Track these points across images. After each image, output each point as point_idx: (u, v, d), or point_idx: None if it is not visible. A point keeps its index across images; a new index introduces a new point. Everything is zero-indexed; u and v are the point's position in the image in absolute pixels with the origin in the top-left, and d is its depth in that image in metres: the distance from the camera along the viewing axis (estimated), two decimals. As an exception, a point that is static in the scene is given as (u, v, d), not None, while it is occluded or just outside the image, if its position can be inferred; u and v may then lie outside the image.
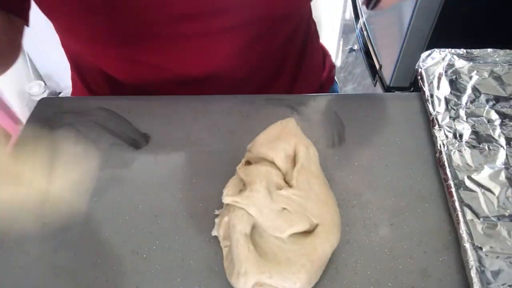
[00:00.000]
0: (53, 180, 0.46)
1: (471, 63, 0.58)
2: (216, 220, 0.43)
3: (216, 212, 0.45)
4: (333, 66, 0.77)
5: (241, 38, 0.53)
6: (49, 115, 0.56)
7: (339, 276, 0.40)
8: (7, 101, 1.87)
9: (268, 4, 0.49)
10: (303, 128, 0.54)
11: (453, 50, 0.60)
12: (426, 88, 0.56)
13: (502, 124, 0.51)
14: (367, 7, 0.51)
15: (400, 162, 0.50)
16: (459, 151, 0.48)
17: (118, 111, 0.56)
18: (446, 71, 0.57)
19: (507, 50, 0.59)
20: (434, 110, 0.53)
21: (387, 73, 1.13)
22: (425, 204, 0.46)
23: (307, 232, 0.40)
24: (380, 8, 0.51)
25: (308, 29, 0.65)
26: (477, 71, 0.57)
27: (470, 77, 0.56)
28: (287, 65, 0.64)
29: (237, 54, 0.54)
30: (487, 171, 0.46)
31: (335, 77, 0.79)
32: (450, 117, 0.52)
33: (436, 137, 0.50)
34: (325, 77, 0.73)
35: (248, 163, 0.46)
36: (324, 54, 0.75)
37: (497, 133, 0.50)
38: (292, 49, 0.63)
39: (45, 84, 1.92)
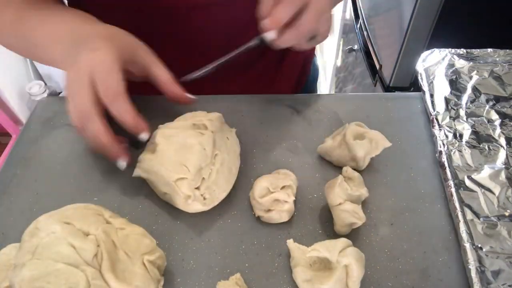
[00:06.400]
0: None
1: (471, 63, 0.58)
2: None
3: None
4: None
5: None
6: (49, 115, 0.56)
7: (339, 276, 0.40)
8: (7, 101, 1.87)
9: None
10: (303, 128, 0.54)
11: (453, 50, 0.60)
12: (426, 88, 0.56)
13: (502, 124, 0.51)
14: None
15: (400, 162, 0.50)
16: (459, 151, 0.48)
17: (118, 111, 0.56)
18: (446, 71, 0.57)
19: (507, 50, 0.59)
20: (434, 110, 0.53)
21: (387, 73, 1.13)
22: (425, 204, 0.46)
23: None
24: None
25: None
26: (477, 71, 0.57)
27: (470, 77, 0.56)
28: None
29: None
30: (487, 171, 0.46)
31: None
32: (450, 117, 0.52)
33: (436, 137, 0.50)
34: (308, 50, 0.76)
35: None
36: None
37: (497, 133, 0.50)
38: None
39: (45, 84, 1.92)
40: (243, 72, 0.66)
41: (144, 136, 0.46)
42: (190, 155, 0.45)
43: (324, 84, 2.22)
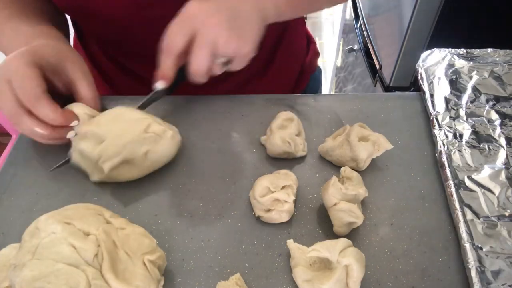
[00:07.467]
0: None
1: (471, 63, 0.58)
2: None
3: None
4: (317, 53, 0.79)
5: None
6: (49, 115, 0.56)
7: (339, 276, 0.40)
8: (7, 101, 1.87)
9: None
10: (303, 128, 0.54)
11: (453, 50, 0.60)
12: (426, 88, 0.56)
13: (502, 124, 0.51)
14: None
15: (400, 162, 0.50)
16: (459, 151, 0.48)
17: (118, 111, 0.56)
18: (446, 71, 0.57)
19: (507, 50, 0.59)
20: (434, 110, 0.53)
21: (387, 73, 1.13)
22: (425, 204, 0.46)
23: None
24: None
25: None
26: (477, 71, 0.57)
27: (470, 77, 0.56)
28: (265, 43, 0.64)
29: None
30: (487, 171, 0.46)
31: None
32: (450, 117, 0.52)
33: (436, 137, 0.50)
34: (308, 61, 0.75)
35: None
36: (309, 40, 0.78)
37: (497, 133, 0.50)
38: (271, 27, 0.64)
39: (45, 84, 1.92)
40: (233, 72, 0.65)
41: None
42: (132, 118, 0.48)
43: (324, 84, 2.22)
